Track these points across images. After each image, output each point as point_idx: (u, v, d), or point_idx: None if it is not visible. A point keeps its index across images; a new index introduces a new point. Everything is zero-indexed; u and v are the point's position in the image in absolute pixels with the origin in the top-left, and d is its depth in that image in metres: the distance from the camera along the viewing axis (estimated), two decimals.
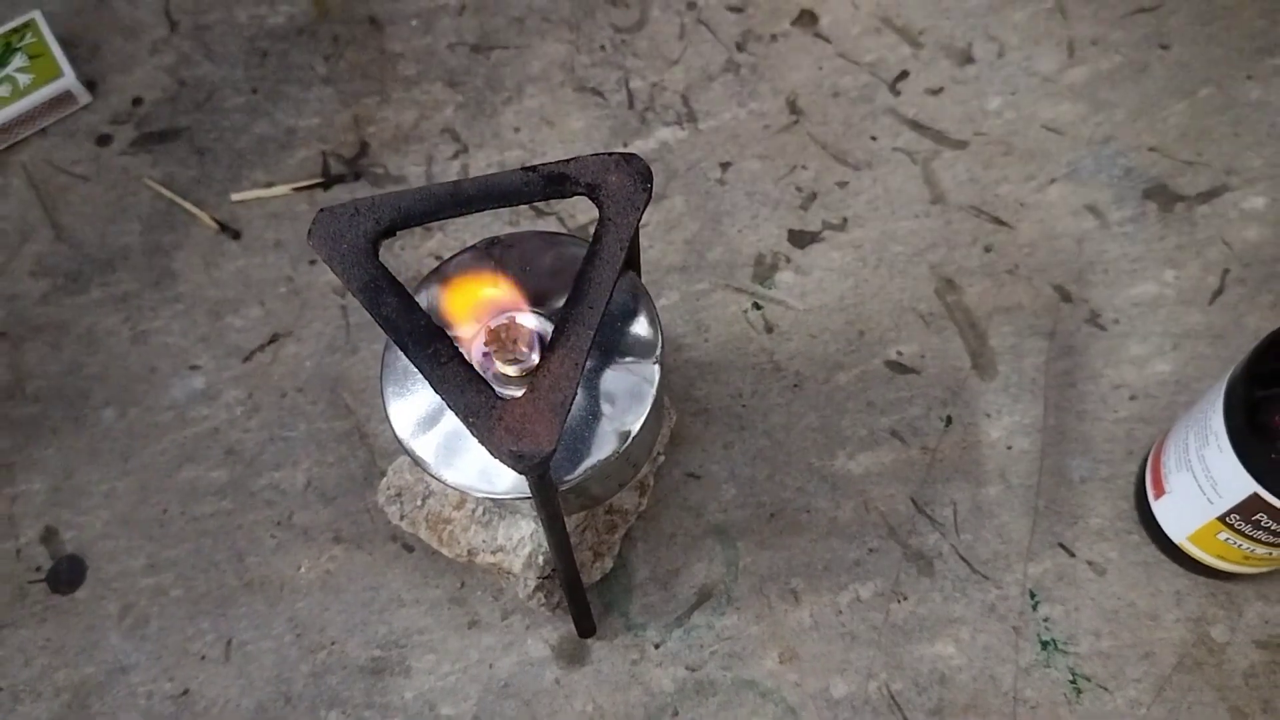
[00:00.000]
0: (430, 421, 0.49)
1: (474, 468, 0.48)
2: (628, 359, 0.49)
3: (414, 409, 0.49)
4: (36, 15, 0.75)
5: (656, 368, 0.49)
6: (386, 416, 0.49)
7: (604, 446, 0.48)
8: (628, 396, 0.49)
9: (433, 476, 0.48)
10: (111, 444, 0.64)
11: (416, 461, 0.48)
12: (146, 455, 0.64)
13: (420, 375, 0.49)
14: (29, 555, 0.62)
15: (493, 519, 0.56)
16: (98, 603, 0.61)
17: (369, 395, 0.65)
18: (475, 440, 0.49)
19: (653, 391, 0.49)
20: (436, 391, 0.43)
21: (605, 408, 0.49)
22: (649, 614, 0.59)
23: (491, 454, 0.43)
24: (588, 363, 0.45)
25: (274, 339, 0.66)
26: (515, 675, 0.58)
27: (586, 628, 0.58)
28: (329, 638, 0.59)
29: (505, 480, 0.48)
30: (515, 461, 0.42)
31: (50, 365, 0.66)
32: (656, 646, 0.58)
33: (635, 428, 0.48)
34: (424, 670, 0.58)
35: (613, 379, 0.49)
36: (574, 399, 0.43)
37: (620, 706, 0.57)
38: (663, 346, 0.49)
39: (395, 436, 0.49)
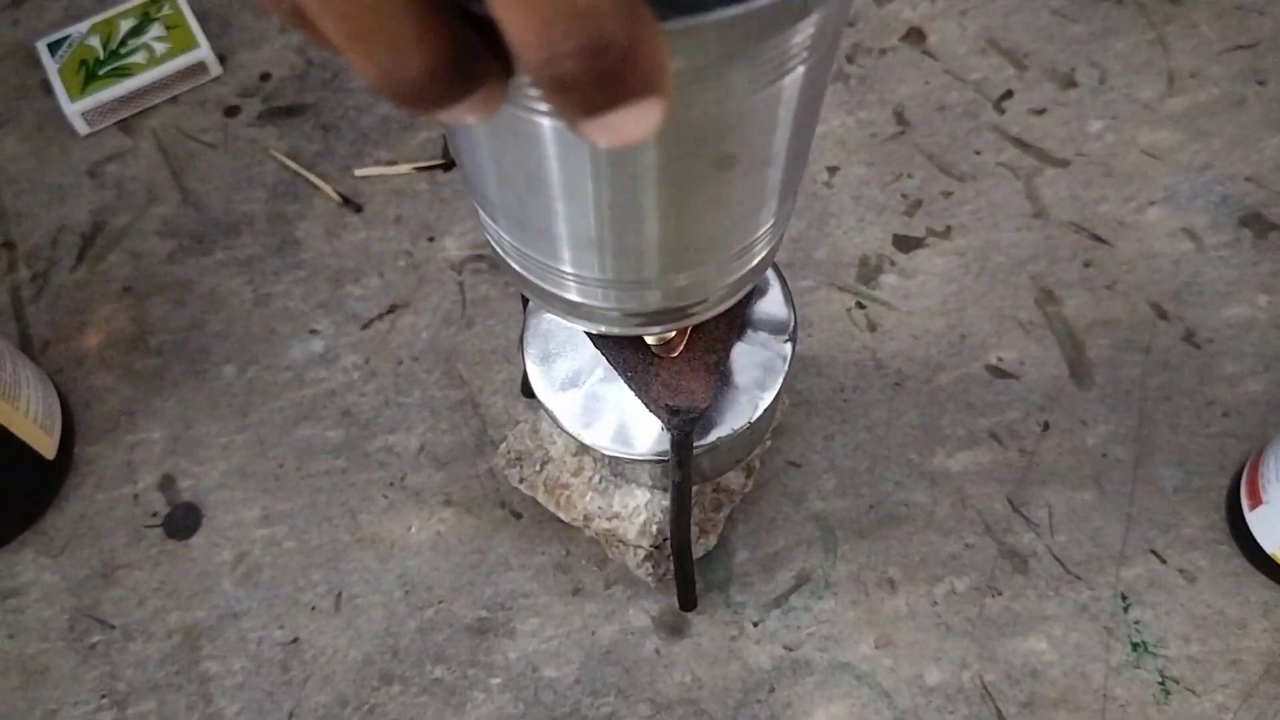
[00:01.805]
0: (569, 383, 0.51)
1: (609, 430, 0.50)
2: (762, 334, 0.51)
3: (553, 371, 0.51)
4: None
5: (789, 345, 0.51)
6: (525, 376, 0.51)
7: (737, 417, 0.50)
8: (761, 370, 0.51)
9: (570, 435, 0.50)
10: (230, 399, 0.66)
11: (555, 421, 0.50)
12: (264, 412, 0.66)
13: (559, 338, 0.51)
14: (146, 500, 0.64)
15: (609, 487, 0.58)
16: (212, 550, 0.63)
17: (483, 368, 0.67)
18: (611, 403, 0.51)
19: (785, 368, 0.51)
20: (598, 349, 0.45)
21: (739, 379, 0.51)
22: (748, 593, 0.61)
23: (647, 407, 0.45)
24: None
25: (392, 309, 0.69)
26: (617, 643, 0.60)
27: (689, 600, 0.60)
28: (437, 596, 0.61)
29: (641, 443, 0.50)
30: (670, 416, 0.44)
31: (173, 321, 0.69)
32: (755, 625, 0.60)
33: (767, 401, 0.50)
34: (528, 633, 0.60)
35: (747, 352, 0.51)
36: (727, 361, 0.45)
37: (719, 680, 0.59)
38: (795, 325, 0.51)
39: (536, 396, 0.51)
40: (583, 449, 0.52)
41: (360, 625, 0.60)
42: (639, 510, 0.57)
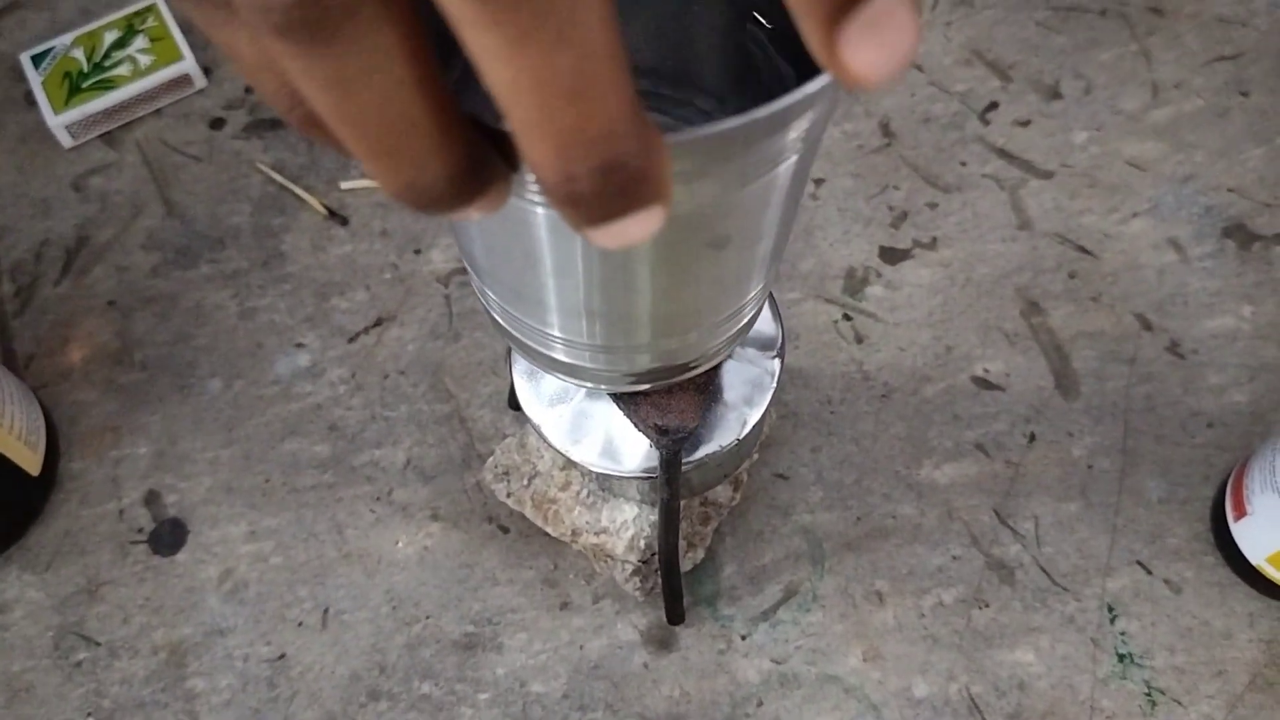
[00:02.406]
0: (557, 399, 0.51)
1: (597, 446, 0.50)
2: (750, 350, 0.52)
3: (541, 386, 0.51)
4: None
5: (778, 361, 0.51)
6: (513, 392, 0.51)
7: (725, 433, 0.50)
8: (749, 386, 0.51)
9: (558, 452, 0.50)
10: (216, 414, 0.66)
11: (542, 437, 0.50)
12: (250, 426, 0.66)
13: None
14: (131, 516, 0.64)
15: (597, 501, 0.58)
16: (197, 566, 0.62)
17: (470, 381, 0.67)
18: (599, 419, 0.51)
19: (773, 384, 0.51)
20: None
21: (728, 395, 0.51)
22: (736, 606, 0.61)
23: (636, 427, 0.45)
24: None
25: (378, 322, 0.69)
26: (605, 657, 0.60)
27: (677, 614, 0.60)
28: (424, 611, 0.61)
29: (629, 460, 0.50)
30: (659, 436, 0.44)
31: (158, 335, 0.69)
32: (743, 638, 0.60)
33: (755, 417, 0.50)
34: (516, 648, 0.60)
35: (735, 369, 0.51)
36: (716, 379, 0.45)
37: (707, 694, 0.59)
38: (784, 342, 0.52)
39: (524, 413, 0.51)
40: (570, 464, 0.52)
41: (347, 641, 0.60)
42: (627, 525, 0.57)
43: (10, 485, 0.61)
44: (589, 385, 0.42)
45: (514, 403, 0.65)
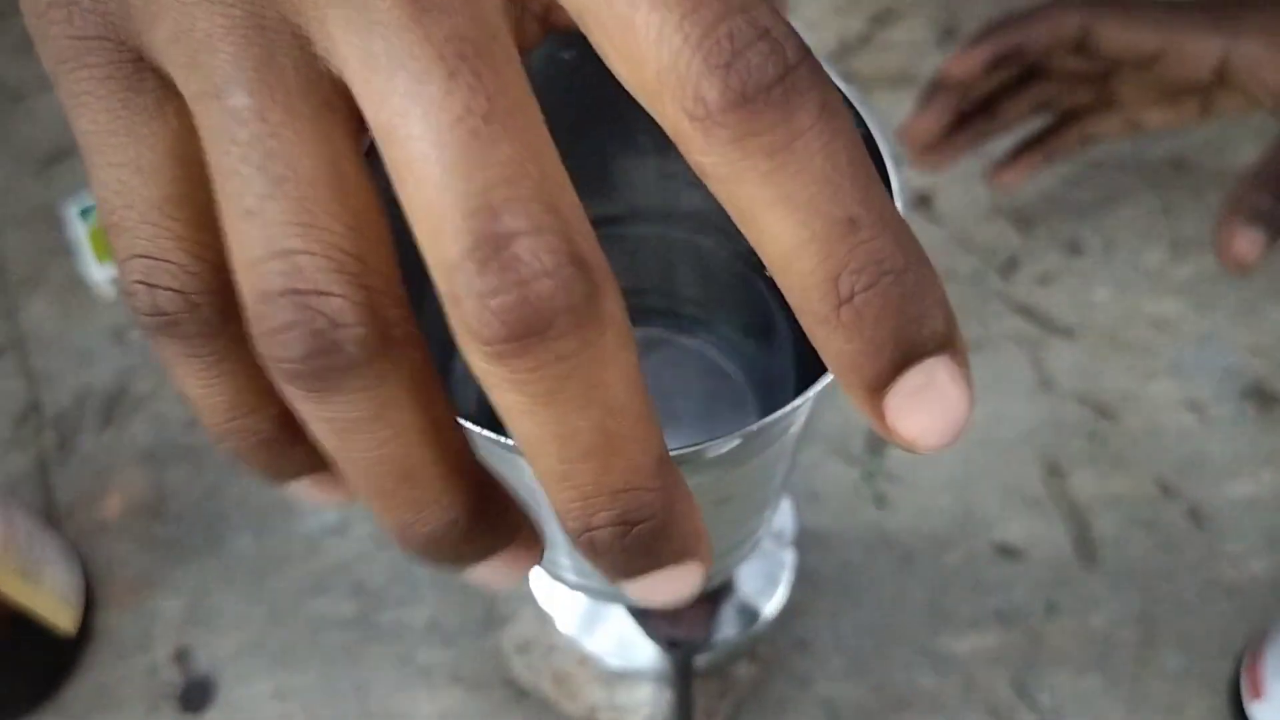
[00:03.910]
0: (570, 593, 0.52)
1: (611, 639, 0.51)
2: (764, 544, 0.52)
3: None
4: None
5: (790, 552, 0.52)
6: (528, 586, 0.52)
7: (736, 625, 0.51)
8: (762, 579, 0.52)
9: (571, 641, 0.51)
10: (246, 569, 0.68)
11: (559, 630, 0.52)
12: (278, 583, 0.67)
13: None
14: (163, 672, 0.65)
15: (613, 679, 0.59)
16: None
17: None
18: (613, 615, 0.52)
19: (787, 575, 0.52)
20: None
21: (742, 588, 0.52)
22: None
23: (648, 637, 0.46)
24: None
25: None
26: None
27: None
28: None
29: (642, 654, 0.51)
30: (669, 648, 0.45)
31: (192, 488, 0.70)
32: None
33: (770, 611, 0.51)
34: None
35: (749, 564, 0.52)
36: (729, 582, 0.46)
37: None
38: (798, 532, 0.53)
39: (539, 606, 0.52)
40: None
41: None
42: (643, 704, 0.57)
43: (46, 645, 0.63)
44: (602, 601, 0.43)
45: None
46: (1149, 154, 0.80)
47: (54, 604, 0.62)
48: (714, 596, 0.48)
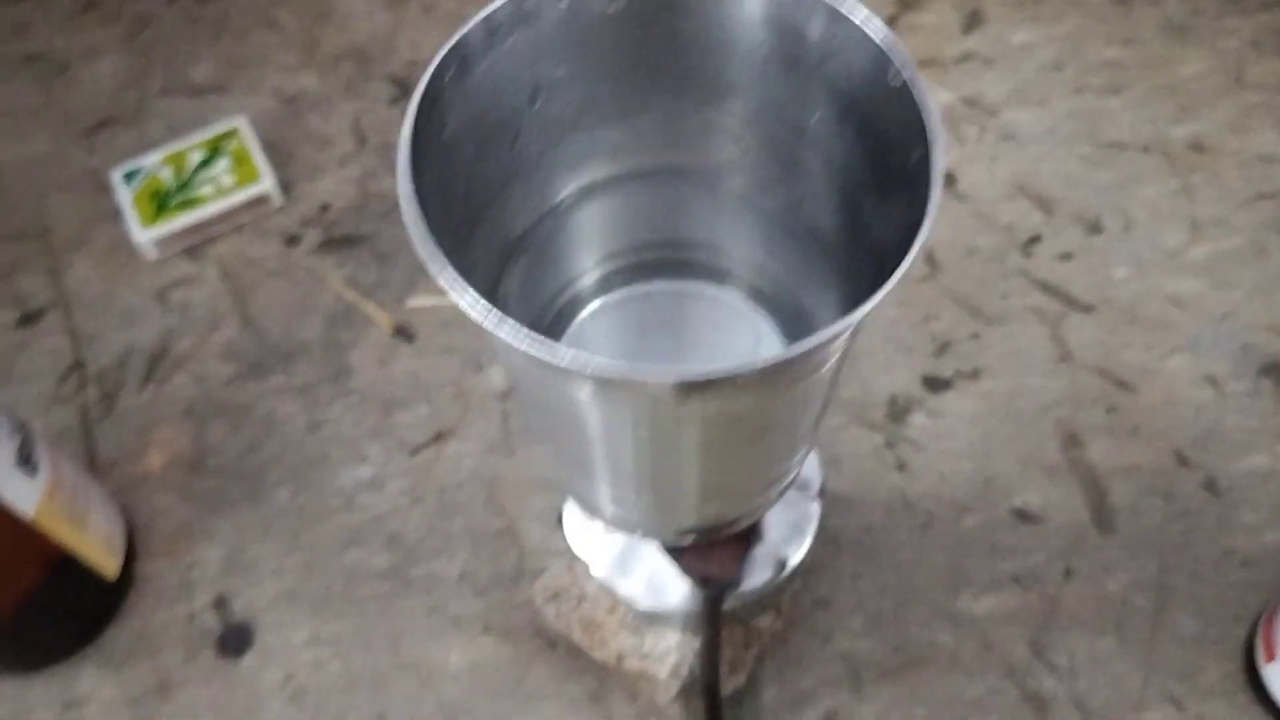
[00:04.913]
0: (604, 536, 0.54)
1: (643, 582, 0.53)
2: (791, 492, 0.54)
3: (590, 524, 0.54)
4: (241, 122, 0.82)
5: (817, 503, 0.54)
6: (561, 526, 0.54)
7: (763, 572, 0.52)
8: (789, 528, 0.53)
9: (604, 587, 0.53)
10: (283, 522, 0.70)
11: (590, 571, 0.53)
12: (315, 535, 0.69)
13: None
14: (201, 619, 0.67)
15: (641, 626, 0.60)
16: (261, 670, 0.65)
17: (522, 496, 0.70)
18: (646, 555, 0.54)
19: (813, 527, 0.53)
20: None
21: (769, 535, 0.53)
22: None
23: (682, 574, 0.47)
24: None
25: (438, 437, 0.72)
26: None
27: None
28: None
29: (673, 594, 0.53)
30: (702, 585, 0.47)
31: (231, 444, 0.72)
32: None
33: (795, 558, 0.53)
34: None
35: (776, 511, 0.54)
36: (758, 528, 0.48)
37: None
38: (824, 483, 0.54)
39: (570, 547, 0.54)
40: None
41: None
42: (670, 651, 0.59)
43: (90, 589, 0.65)
44: (636, 534, 0.45)
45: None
46: (1169, 136, 0.82)
47: (99, 548, 0.64)
48: (745, 537, 0.49)
